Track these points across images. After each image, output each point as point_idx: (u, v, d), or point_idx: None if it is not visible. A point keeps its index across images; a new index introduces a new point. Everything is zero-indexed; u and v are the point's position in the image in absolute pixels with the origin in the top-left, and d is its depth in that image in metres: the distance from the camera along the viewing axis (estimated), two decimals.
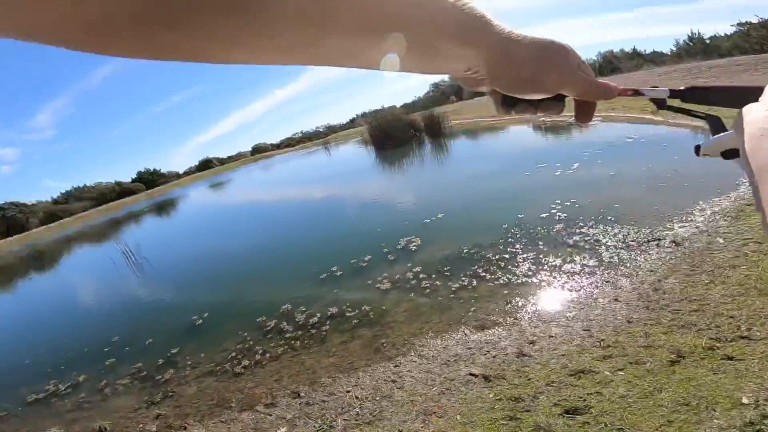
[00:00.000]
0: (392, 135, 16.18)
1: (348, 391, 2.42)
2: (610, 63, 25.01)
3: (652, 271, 2.84)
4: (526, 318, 2.69)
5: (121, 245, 9.35)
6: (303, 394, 2.53)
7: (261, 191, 17.21)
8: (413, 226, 5.13)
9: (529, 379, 2.07)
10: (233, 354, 3.29)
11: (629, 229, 3.56)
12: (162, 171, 56.12)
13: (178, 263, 7.78)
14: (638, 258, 3.07)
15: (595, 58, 27.37)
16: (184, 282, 6.17)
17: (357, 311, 3.41)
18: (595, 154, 6.46)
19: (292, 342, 3.24)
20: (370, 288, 3.77)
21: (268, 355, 3.15)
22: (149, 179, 52.57)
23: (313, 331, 3.31)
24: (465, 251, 3.97)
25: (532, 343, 2.38)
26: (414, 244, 4.53)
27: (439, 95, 40.15)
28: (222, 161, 62.73)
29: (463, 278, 3.46)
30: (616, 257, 3.17)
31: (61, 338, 5.11)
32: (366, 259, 4.48)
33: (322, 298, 3.87)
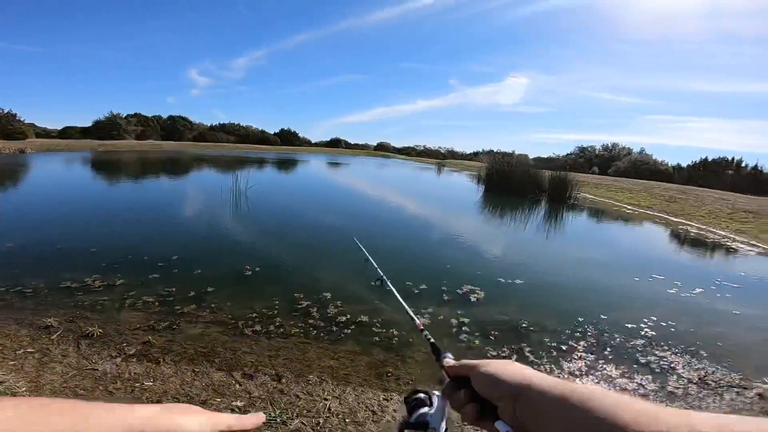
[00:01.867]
0: (509, 182, 15.50)
1: (326, 399, 2.34)
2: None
3: None
4: None
5: (233, 180, 10.60)
6: (283, 381, 2.52)
7: (365, 182, 17.99)
8: (484, 280, 4.80)
9: None
10: (254, 315, 3.44)
11: (717, 368, 3.05)
12: (299, 134, 62.54)
13: (268, 213, 8.55)
14: (706, 398, 2.66)
15: None
16: (262, 231, 6.73)
17: (384, 330, 3.32)
18: (728, 286, 5.32)
19: (310, 329, 3.27)
20: (408, 315, 3.62)
21: (281, 330, 3.23)
22: (286, 137, 59.07)
23: (335, 329, 3.30)
24: (524, 325, 3.59)
25: None
26: (476, 295, 4.24)
27: (582, 162, 37.32)
28: (348, 145, 67.46)
29: (504, 349, 3.14)
30: (680, 390, 2.74)
31: (135, 239, 5.68)
32: (421, 287, 4.34)
33: (361, 302, 3.85)
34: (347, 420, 2.17)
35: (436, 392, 0.55)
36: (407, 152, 64.44)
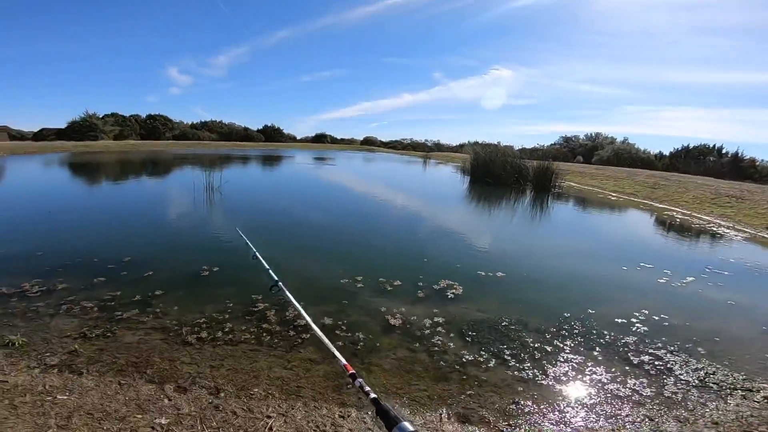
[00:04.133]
0: (494, 173, 15.27)
1: (268, 417, 1.99)
2: None
3: (715, 423, 2.16)
4: (523, 430, 2.07)
5: (209, 176, 10.10)
6: (222, 395, 2.17)
7: (350, 176, 17.57)
8: (463, 274, 4.48)
9: None
10: (201, 320, 3.08)
11: (717, 369, 2.78)
12: (283, 131, 61.48)
13: (242, 210, 8.10)
14: (708, 404, 2.37)
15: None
16: (231, 229, 6.28)
17: (350, 334, 2.97)
18: (720, 273, 5.11)
19: (263, 335, 2.91)
20: (378, 316, 3.29)
21: (230, 336, 2.87)
22: (270, 133, 57.96)
23: (292, 334, 2.94)
24: (504, 324, 3.28)
25: None
26: (453, 291, 3.92)
27: (566, 151, 37.37)
28: (334, 140, 66.62)
29: (482, 352, 2.82)
30: (680, 395, 2.47)
31: (88, 241, 5.23)
32: (395, 284, 4.00)
33: (327, 301, 3.50)
34: None
35: None
36: (394, 146, 63.88)
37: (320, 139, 65.21)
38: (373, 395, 0.54)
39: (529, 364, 2.70)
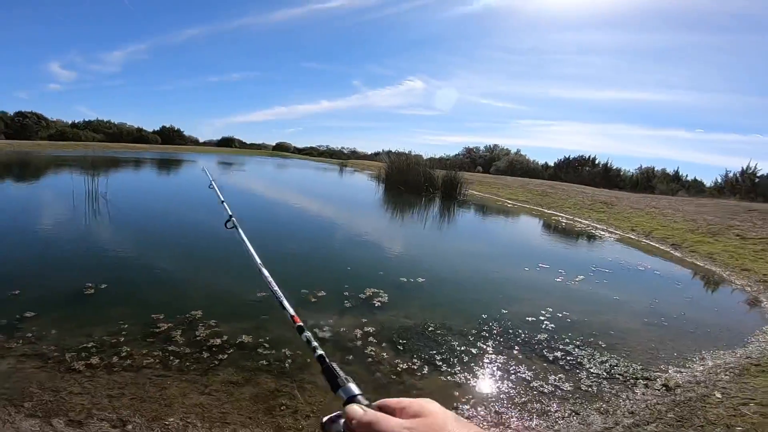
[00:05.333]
0: (408, 181, 15.89)
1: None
2: (647, 180, 25.16)
3: (632, 413, 2.43)
4: None
5: (91, 182, 8.73)
6: (129, 428, 1.85)
7: (261, 183, 16.70)
8: (387, 281, 4.51)
9: None
10: (90, 344, 2.62)
11: (619, 360, 3.14)
12: (183, 133, 56.17)
13: (130, 219, 7.12)
14: (620, 394, 2.66)
15: (634, 172, 27.69)
16: (118, 240, 5.48)
17: (274, 351, 2.76)
18: (603, 271, 5.94)
19: (171, 358, 2.56)
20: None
21: (129, 362, 2.47)
22: (168, 135, 52.46)
23: (206, 355, 2.64)
24: (431, 329, 3.35)
25: None
26: (380, 299, 3.91)
27: (469, 162, 40.50)
28: (243, 144, 62.99)
29: (415, 359, 2.84)
30: (595, 387, 2.73)
31: None
32: (319, 295, 3.85)
33: (242, 318, 3.23)
34: None
35: None
36: (309, 152, 62.60)
37: (227, 143, 61.11)
38: (320, 352, 0.52)
39: (459, 368, 2.79)
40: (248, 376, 2.44)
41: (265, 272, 0.79)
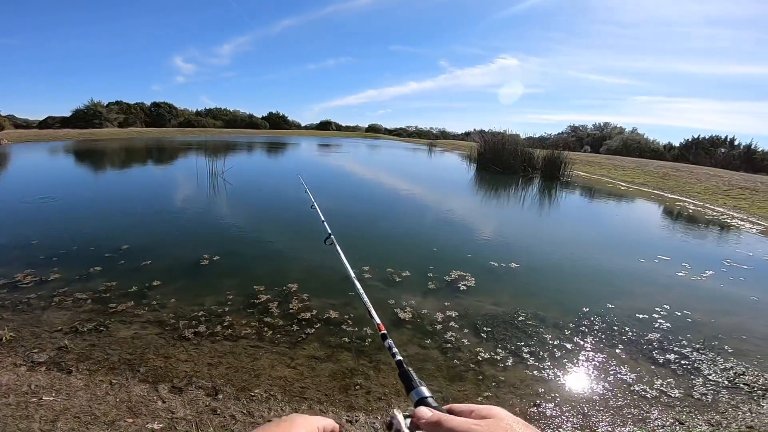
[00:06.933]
0: (501, 161, 14.99)
1: (269, 421, 1.84)
2: None
3: (750, 427, 2.05)
4: None
5: (209, 162, 9.94)
6: (220, 397, 2.03)
7: (355, 163, 17.32)
8: (475, 264, 4.31)
9: None
10: (200, 313, 2.94)
11: (747, 368, 2.63)
12: (288, 118, 60.98)
13: (243, 196, 7.94)
14: (741, 406, 2.24)
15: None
16: (232, 216, 6.14)
17: (356, 328, 2.82)
18: (739, 267, 4.90)
19: (265, 330, 2.76)
20: (387, 310, 3.14)
21: (230, 331, 2.73)
22: (274, 121, 57.55)
23: (296, 328, 2.79)
24: (520, 319, 3.11)
25: None
26: (465, 283, 3.75)
27: (574, 141, 36.73)
28: (339, 127, 66.10)
29: (499, 350, 2.66)
30: (710, 396, 2.32)
31: (85, 229, 5.22)
32: (404, 275, 3.84)
33: (331, 294, 3.35)
34: None
35: None
36: (399, 133, 63.35)
37: (325, 126, 64.72)
38: (399, 357, 0.56)
39: (549, 363, 2.54)
40: (330, 352, 2.53)
41: (358, 285, 0.90)
